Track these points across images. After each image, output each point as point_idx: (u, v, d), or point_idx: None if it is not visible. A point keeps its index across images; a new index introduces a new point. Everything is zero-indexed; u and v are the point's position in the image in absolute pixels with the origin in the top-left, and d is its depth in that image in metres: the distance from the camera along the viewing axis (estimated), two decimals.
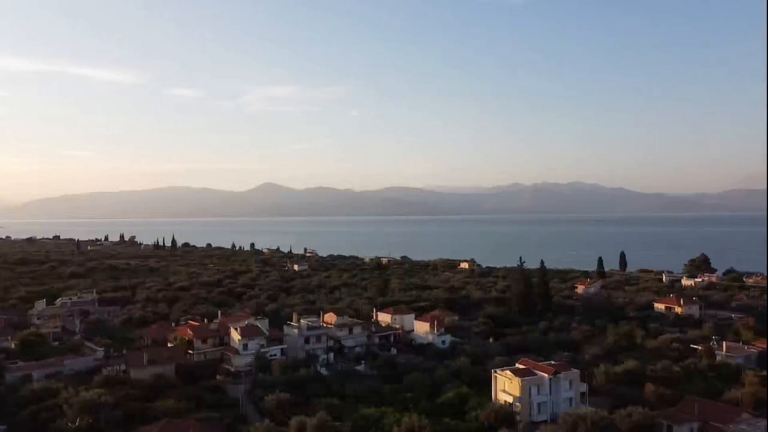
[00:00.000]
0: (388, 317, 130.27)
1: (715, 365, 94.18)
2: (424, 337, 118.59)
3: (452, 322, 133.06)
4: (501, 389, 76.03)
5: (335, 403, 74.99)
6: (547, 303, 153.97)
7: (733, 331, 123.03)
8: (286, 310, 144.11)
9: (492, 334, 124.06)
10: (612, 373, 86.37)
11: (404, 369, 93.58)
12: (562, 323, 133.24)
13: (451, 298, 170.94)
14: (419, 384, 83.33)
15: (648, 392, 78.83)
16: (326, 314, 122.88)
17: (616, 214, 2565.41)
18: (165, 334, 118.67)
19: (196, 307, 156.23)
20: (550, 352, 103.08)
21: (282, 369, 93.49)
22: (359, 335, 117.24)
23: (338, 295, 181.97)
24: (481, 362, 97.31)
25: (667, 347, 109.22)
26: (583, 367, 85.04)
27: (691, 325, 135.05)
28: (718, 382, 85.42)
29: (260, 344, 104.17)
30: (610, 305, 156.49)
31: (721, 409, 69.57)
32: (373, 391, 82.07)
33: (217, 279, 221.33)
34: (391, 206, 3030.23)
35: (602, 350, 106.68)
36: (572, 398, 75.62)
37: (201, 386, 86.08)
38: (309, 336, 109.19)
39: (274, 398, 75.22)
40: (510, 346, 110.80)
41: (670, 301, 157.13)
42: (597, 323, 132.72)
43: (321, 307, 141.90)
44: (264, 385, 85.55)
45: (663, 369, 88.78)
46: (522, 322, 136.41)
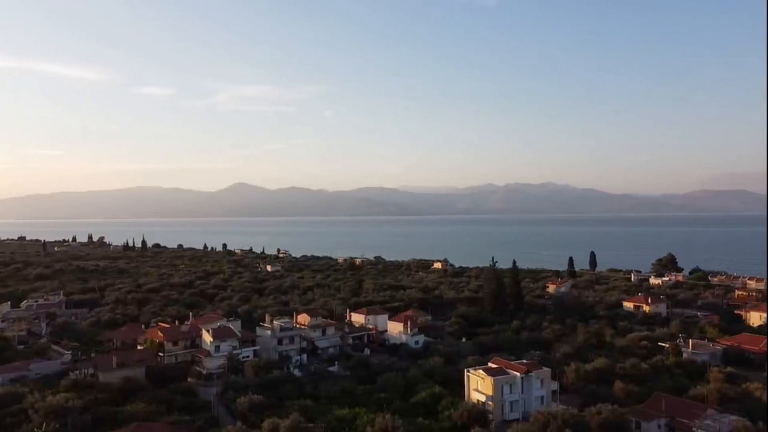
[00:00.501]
0: (362, 318, 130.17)
1: (681, 362, 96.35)
2: (397, 338, 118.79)
3: (425, 322, 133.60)
4: (474, 388, 76.55)
5: (308, 405, 74.63)
6: (519, 302, 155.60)
7: (699, 328, 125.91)
8: (258, 311, 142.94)
9: (465, 334, 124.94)
10: (582, 372, 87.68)
11: (378, 369, 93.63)
12: (533, 322, 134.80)
13: (424, 298, 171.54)
14: (393, 384, 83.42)
15: (617, 389, 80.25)
16: (299, 315, 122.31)
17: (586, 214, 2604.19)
18: (135, 337, 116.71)
19: (167, 308, 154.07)
20: (522, 351, 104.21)
21: (254, 371, 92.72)
22: (333, 336, 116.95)
23: (311, 296, 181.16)
24: (454, 362, 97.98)
25: (635, 345, 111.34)
26: (554, 366, 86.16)
27: (658, 323, 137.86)
28: (684, 378, 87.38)
29: (232, 346, 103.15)
30: (581, 304, 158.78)
31: (688, 405, 71.14)
32: (346, 391, 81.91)
33: (189, 280, 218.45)
34: (364, 206, 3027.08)
35: (573, 349, 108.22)
36: (543, 396, 76.51)
37: (172, 389, 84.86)
38: (282, 337, 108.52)
39: (247, 400, 74.54)
40: (483, 345, 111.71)
41: (638, 300, 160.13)
42: (568, 322, 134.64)
43: (294, 308, 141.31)
44: (236, 387, 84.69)
45: (632, 367, 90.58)
46: (494, 321, 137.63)
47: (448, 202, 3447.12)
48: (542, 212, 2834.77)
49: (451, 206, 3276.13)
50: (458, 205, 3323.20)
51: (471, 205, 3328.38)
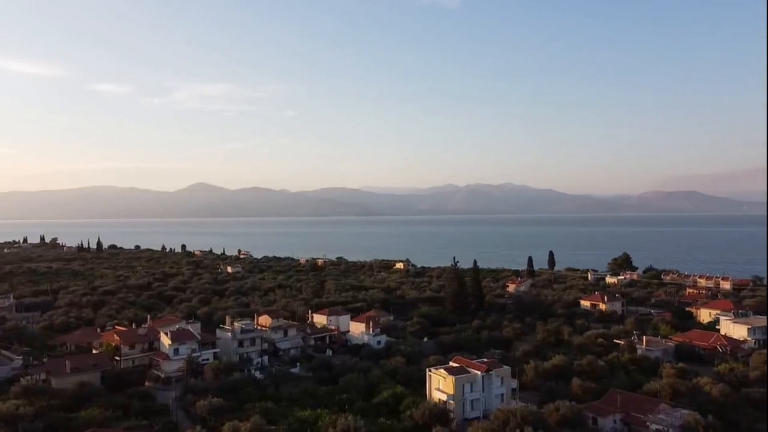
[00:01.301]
0: (324, 318, 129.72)
1: (636, 359, 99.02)
2: (359, 338, 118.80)
3: (387, 322, 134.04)
4: (435, 388, 77.14)
5: (270, 407, 73.90)
6: (479, 302, 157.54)
7: (653, 326, 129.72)
8: (219, 313, 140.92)
9: (427, 334, 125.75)
10: (541, 369, 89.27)
11: (340, 370, 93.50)
12: (494, 321, 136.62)
13: (386, 298, 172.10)
14: (355, 385, 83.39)
15: (575, 386, 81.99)
16: (261, 317, 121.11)
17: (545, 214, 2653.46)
18: (90, 341, 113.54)
19: (124, 311, 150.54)
20: (483, 350, 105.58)
21: (214, 373, 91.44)
22: (294, 337, 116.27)
23: (273, 297, 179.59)
24: (416, 361, 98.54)
25: (592, 343, 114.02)
26: (514, 364, 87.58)
27: (614, 321, 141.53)
28: (638, 375, 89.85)
29: (192, 348, 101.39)
30: (540, 303, 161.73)
31: (642, 400, 73.28)
32: (308, 393, 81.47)
33: (146, 282, 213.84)
34: (327, 207, 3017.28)
35: (532, 347, 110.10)
36: (504, 394, 77.63)
37: (129, 393, 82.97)
38: (243, 339, 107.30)
39: (206, 404, 73.39)
40: (444, 344, 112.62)
41: (595, 299, 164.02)
42: (527, 321, 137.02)
43: (255, 310, 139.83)
44: (196, 391, 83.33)
45: (588, 364, 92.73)
46: (456, 320, 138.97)
47: (410, 203, 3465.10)
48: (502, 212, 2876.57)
49: (413, 207, 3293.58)
50: (420, 206, 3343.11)
51: (433, 205, 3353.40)
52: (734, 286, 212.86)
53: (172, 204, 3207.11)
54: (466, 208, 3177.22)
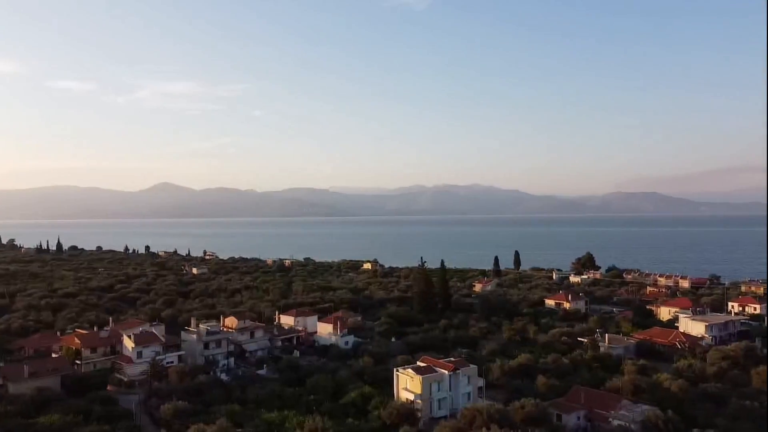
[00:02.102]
0: (291, 319, 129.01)
1: (598, 356, 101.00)
2: (327, 339, 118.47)
3: (355, 322, 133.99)
4: (403, 387, 77.43)
5: (236, 409, 73.12)
6: (447, 302, 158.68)
7: (615, 324, 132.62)
8: (184, 315, 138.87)
9: (394, 334, 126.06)
10: (507, 367, 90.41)
11: (307, 371, 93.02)
12: (461, 321, 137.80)
13: (354, 298, 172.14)
14: (322, 386, 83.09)
15: (540, 384, 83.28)
16: (227, 318, 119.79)
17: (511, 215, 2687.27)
18: (49, 345, 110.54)
19: (85, 314, 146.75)
20: (450, 349, 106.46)
21: (179, 376, 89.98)
22: (261, 339, 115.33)
23: (240, 299, 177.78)
24: (384, 361, 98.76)
25: (557, 341, 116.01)
26: (480, 363, 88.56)
27: (578, 319, 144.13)
28: (601, 371, 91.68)
29: (156, 351, 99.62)
30: (506, 302, 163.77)
31: (605, 396, 74.85)
32: (275, 395, 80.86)
33: (109, 284, 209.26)
34: (294, 207, 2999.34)
35: (498, 346, 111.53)
36: (470, 393, 78.38)
37: (90, 398, 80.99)
38: (208, 341, 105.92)
39: (171, 407, 72.23)
40: (412, 344, 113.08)
41: (559, 298, 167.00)
42: (494, 320, 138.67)
43: (221, 311, 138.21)
44: (160, 394, 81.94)
45: (553, 361, 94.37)
46: (423, 320, 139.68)
47: (378, 203, 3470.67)
48: (469, 213, 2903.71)
49: (380, 207, 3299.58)
50: (388, 206, 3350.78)
51: (400, 205, 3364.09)
52: (692, 284, 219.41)
53: (135, 204, 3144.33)
54: (433, 208, 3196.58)
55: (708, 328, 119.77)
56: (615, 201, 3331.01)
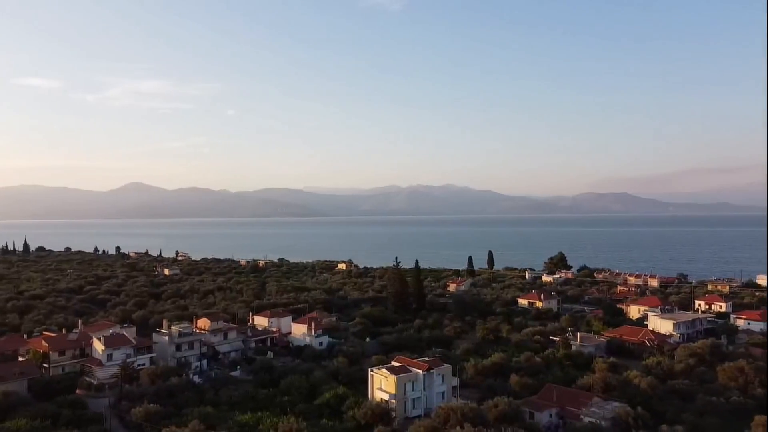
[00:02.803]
0: (265, 320, 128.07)
1: (570, 355, 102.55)
2: (301, 339, 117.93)
3: (330, 323, 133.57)
4: (377, 387, 77.48)
5: (209, 411, 72.30)
6: (421, 301, 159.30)
7: (586, 322, 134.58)
8: (155, 316, 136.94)
9: (369, 334, 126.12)
10: (481, 366, 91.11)
11: (281, 372, 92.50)
12: (435, 320, 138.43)
13: (328, 299, 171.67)
14: (296, 386, 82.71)
15: (513, 382, 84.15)
16: (200, 320, 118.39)
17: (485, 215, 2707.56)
18: (15, 348, 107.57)
19: (53, 316, 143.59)
20: (425, 349, 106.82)
21: (151, 379, 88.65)
22: (234, 340, 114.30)
23: (212, 300, 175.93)
24: (359, 362, 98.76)
25: (529, 340, 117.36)
26: (454, 362, 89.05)
27: (550, 318, 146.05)
28: (573, 370, 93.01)
29: (126, 354, 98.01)
30: (480, 302, 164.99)
31: (576, 394, 75.99)
32: (248, 396, 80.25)
33: (78, 285, 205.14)
34: (268, 207, 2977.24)
35: (472, 345, 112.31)
36: (444, 392, 78.77)
37: (58, 402, 79.23)
38: (181, 343, 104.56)
39: (142, 410, 71.16)
40: (386, 344, 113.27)
41: (532, 297, 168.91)
42: (467, 319, 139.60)
43: (194, 313, 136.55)
44: (131, 397, 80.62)
45: (526, 360, 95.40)
46: (398, 320, 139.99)
47: (353, 204, 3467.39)
48: (444, 213, 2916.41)
49: (355, 207, 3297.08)
50: (362, 206, 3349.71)
51: (375, 206, 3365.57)
52: (661, 283, 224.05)
53: (105, 204, 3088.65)
54: (408, 208, 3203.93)
55: (676, 326, 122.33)
56: (586, 201, 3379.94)
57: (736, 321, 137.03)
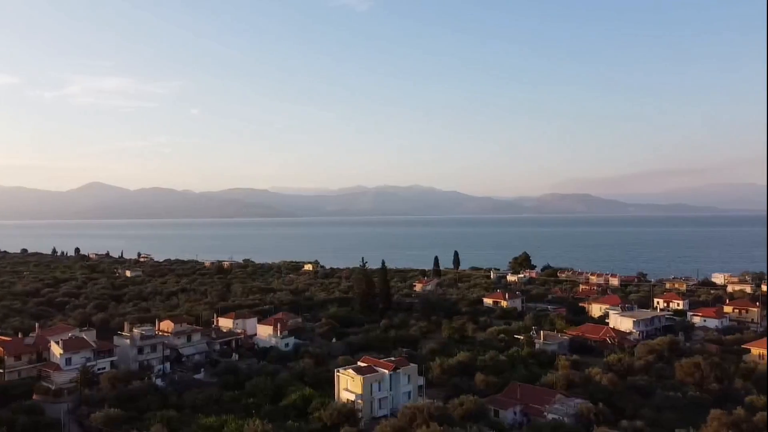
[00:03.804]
0: (230, 322, 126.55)
1: (534, 353, 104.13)
2: (267, 341, 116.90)
3: (296, 324, 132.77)
4: (344, 388, 77.37)
5: (172, 415, 71.08)
6: (387, 302, 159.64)
7: (549, 321, 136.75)
8: (117, 319, 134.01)
9: (335, 335, 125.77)
10: (446, 366, 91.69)
11: (246, 374, 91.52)
12: (401, 320, 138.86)
13: (294, 300, 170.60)
14: (262, 388, 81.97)
15: (478, 381, 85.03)
16: (163, 322, 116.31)
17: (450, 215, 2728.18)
18: None
19: (8, 320, 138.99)
20: (391, 349, 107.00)
21: (111, 383, 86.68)
22: (199, 342, 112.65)
23: (176, 302, 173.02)
24: (325, 363, 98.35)
25: (494, 339, 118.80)
26: (420, 362, 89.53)
27: (514, 317, 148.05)
28: (537, 367, 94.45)
29: (86, 358, 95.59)
30: (445, 302, 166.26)
31: (540, 392, 77.28)
32: (213, 399, 79.17)
33: (35, 288, 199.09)
34: (233, 208, 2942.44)
35: (438, 344, 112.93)
36: (411, 392, 79.12)
37: (13, 408, 76.80)
38: (143, 346, 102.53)
39: (102, 415, 69.54)
40: (353, 345, 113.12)
41: (497, 296, 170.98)
42: (433, 319, 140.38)
43: (157, 315, 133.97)
44: (91, 402, 78.79)
45: (491, 359, 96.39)
46: (364, 321, 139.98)
47: (319, 204, 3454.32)
48: (410, 213, 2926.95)
49: (322, 208, 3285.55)
50: (329, 207, 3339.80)
51: (342, 206, 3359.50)
52: (622, 282, 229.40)
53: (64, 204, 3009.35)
54: (374, 209, 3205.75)
55: (635, 324, 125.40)
56: (550, 202, 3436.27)
57: (693, 318, 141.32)
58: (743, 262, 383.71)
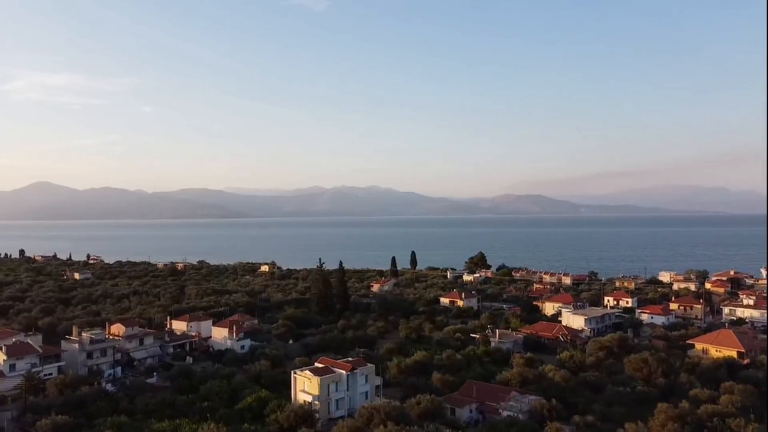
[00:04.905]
0: (184, 325, 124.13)
1: (490, 351, 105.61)
2: (222, 343, 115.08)
3: (252, 325, 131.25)
4: (301, 389, 76.85)
5: (123, 421, 69.15)
6: (345, 302, 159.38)
7: (504, 319, 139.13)
8: (64, 323, 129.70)
9: (292, 336, 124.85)
10: (404, 365, 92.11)
11: (201, 378, 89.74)
12: (359, 321, 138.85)
13: (251, 301, 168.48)
14: (217, 392, 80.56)
15: (435, 380, 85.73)
16: (113, 326, 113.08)
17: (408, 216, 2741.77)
18: None
19: None
20: (349, 350, 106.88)
21: (59, 389, 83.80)
22: (151, 346, 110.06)
23: (128, 305, 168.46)
24: (282, 364, 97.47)
25: (451, 338, 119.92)
26: (378, 362, 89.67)
27: (470, 316, 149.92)
28: (492, 366, 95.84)
29: (32, 363, 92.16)
30: (403, 301, 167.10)
31: (495, 389, 78.48)
32: (166, 403, 77.36)
33: None
34: (187, 208, 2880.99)
35: (395, 344, 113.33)
36: (368, 392, 79.17)
37: None
38: (92, 350, 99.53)
39: (49, 422, 67.11)
40: (310, 346, 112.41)
41: (453, 296, 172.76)
42: (391, 319, 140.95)
43: (107, 319, 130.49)
44: (36, 409, 75.92)
45: (447, 357, 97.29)
46: (322, 322, 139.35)
47: (276, 205, 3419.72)
48: (367, 214, 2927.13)
49: (278, 209, 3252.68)
50: (286, 208, 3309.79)
51: (298, 207, 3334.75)
52: (574, 281, 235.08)
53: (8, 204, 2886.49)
54: (332, 209, 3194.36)
55: (587, 321, 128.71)
56: (504, 203, 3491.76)
57: (641, 315, 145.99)
58: (687, 260, 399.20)
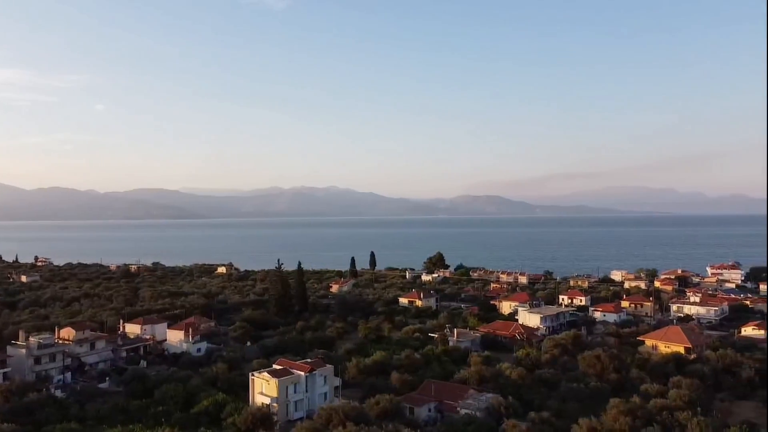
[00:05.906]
0: (138, 328, 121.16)
1: (448, 350, 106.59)
2: (178, 346, 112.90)
3: (209, 328, 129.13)
4: (259, 392, 76.06)
5: (73, 427, 67.05)
6: (304, 303, 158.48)
7: (462, 319, 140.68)
8: (10, 328, 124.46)
9: (250, 338, 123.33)
10: (363, 366, 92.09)
11: (155, 381, 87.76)
12: (318, 322, 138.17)
13: (207, 303, 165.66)
14: (172, 396, 78.91)
15: (394, 380, 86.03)
16: (63, 330, 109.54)
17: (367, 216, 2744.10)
18: None
19: None
20: (307, 351, 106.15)
21: (4, 396, 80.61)
22: (103, 350, 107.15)
23: (78, 308, 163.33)
24: (239, 367, 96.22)
25: (410, 337, 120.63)
26: (337, 362, 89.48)
27: (429, 316, 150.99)
28: (450, 365, 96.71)
29: None
30: (362, 302, 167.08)
31: (453, 388, 79.26)
32: (119, 408, 75.38)
33: None
34: (141, 209, 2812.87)
35: (355, 345, 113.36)
36: (327, 393, 78.92)
37: None
38: (40, 355, 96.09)
39: None
40: (268, 348, 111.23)
41: (412, 296, 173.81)
42: (350, 320, 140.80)
43: (56, 322, 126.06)
44: None
45: (406, 357, 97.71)
46: (280, 323, 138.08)
47: (233, 205, 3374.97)
48: (327, 215, 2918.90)
49: (236, 209, 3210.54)
50: (243, 208, 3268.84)
51: (257, 207, 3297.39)
52: (530, 280, 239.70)
53: None
54: (291, 210, 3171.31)
55: (542, 320, 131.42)
56: (462, 204, 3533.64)
57: (594, 313, 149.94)
58: (638, 259, 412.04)
